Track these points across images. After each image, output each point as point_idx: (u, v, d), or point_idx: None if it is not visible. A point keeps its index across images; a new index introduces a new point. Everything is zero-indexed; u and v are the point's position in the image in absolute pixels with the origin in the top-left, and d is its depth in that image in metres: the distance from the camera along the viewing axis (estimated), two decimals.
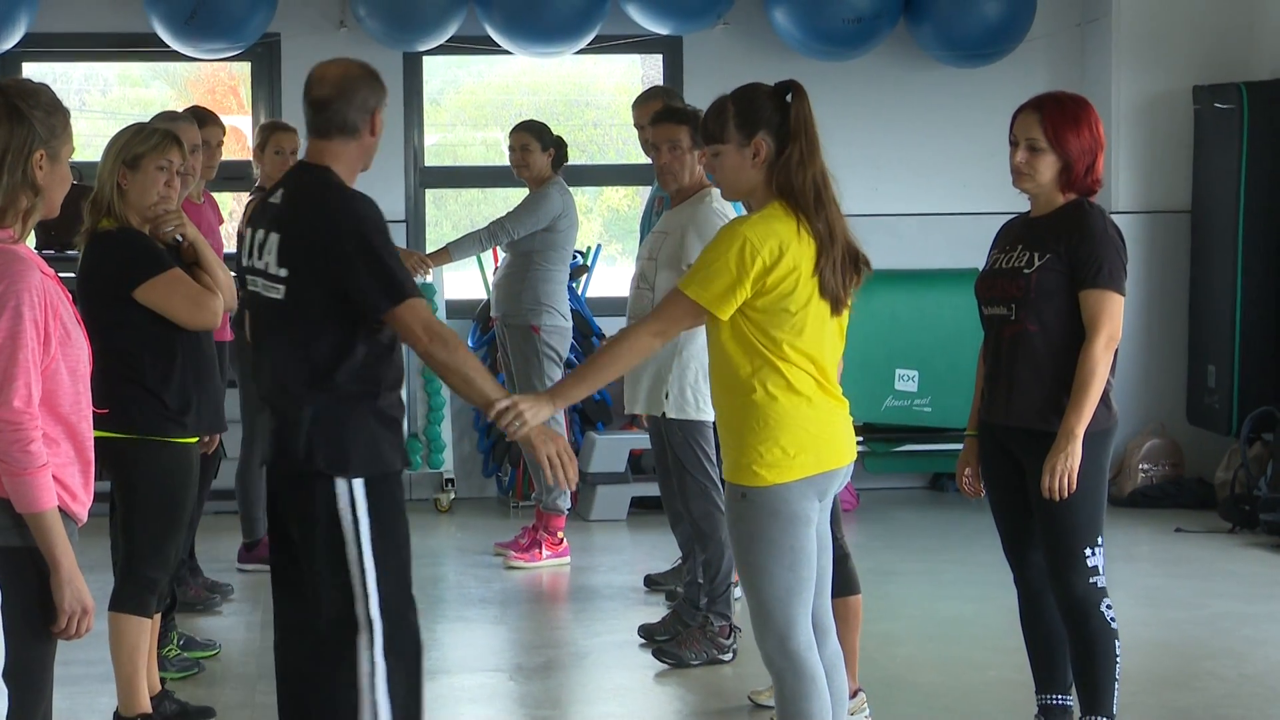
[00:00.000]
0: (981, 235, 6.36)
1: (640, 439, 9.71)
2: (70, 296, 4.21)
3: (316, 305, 4.85)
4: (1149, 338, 10.86)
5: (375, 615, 4.89)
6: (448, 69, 12.13)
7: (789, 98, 4.88)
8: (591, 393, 5.25)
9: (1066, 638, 5.65)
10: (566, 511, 9.28)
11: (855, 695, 6.15)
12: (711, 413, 7.18)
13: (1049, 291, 5.51)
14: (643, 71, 11.67)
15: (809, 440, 4.86)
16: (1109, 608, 5.56)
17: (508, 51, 10.72)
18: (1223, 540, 9.69)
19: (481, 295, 10.68)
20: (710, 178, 7.42)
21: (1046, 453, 5.44)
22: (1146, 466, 10.74)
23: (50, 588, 4.06)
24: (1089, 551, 5.52)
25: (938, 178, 11.21)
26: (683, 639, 7.32)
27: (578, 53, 10.78)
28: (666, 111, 7.53)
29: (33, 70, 10.88)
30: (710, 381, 5.03)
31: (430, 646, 5.81)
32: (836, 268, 4.85)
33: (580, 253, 10.60)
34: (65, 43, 10.83)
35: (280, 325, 4.92)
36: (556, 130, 9.31)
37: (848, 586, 6.08)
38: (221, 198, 9.21)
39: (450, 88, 12.44)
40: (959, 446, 5.99)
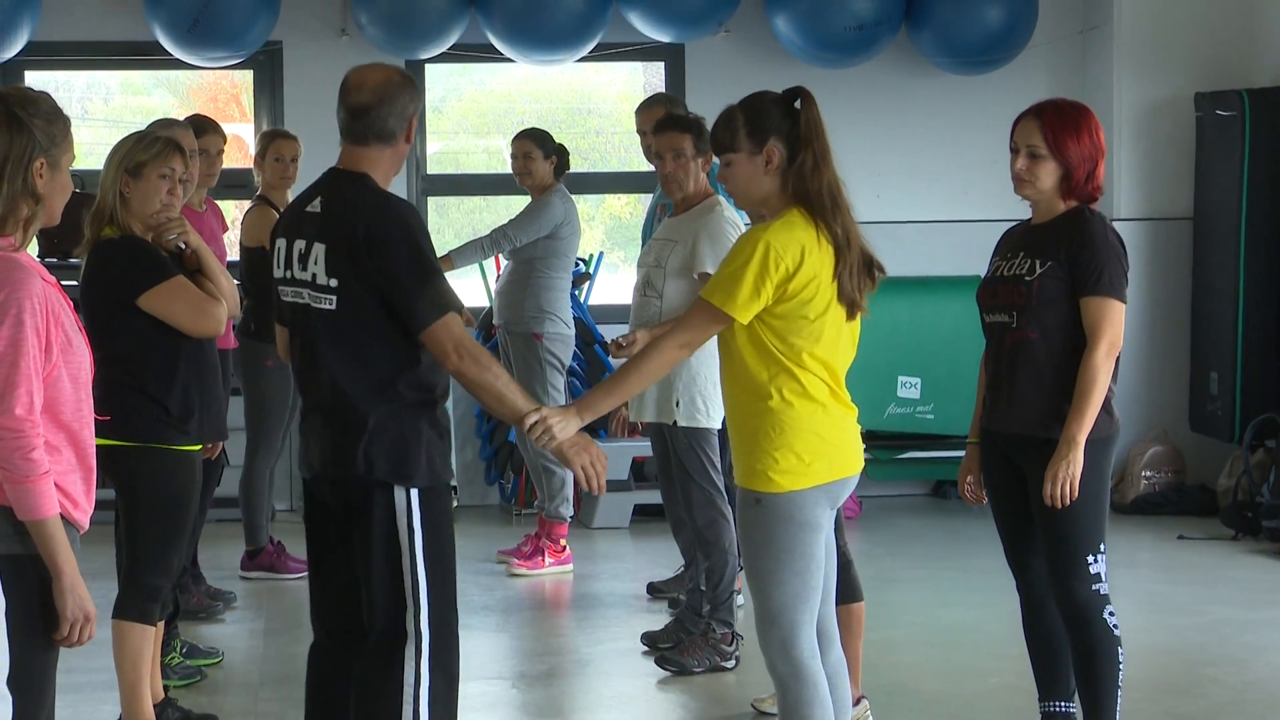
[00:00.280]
0: (983, 242, 6.35)
1: (642, 446, 9.70)
2: (72, 304, 4.21)
3: (370, 314, 4.80)
4: (1151, 344, 10.85)
5: (424, 626, 4.85)
6: (450, 77, 12.14)
7: (798, 104, 4.89)
8: (619, 404, 5.24)
9: (1069, 644, 5.65)
10: (569, 519, 9.27)
11: (858, 703, 6.15)
12: (718, 420, 7.23)
13: (1050, 299, 5.50)
14: (645, 79, 11.67)
15: (824, 447, 4.87)
16: (1111, 614, 5.56)
17: (510, 59, 10.72)
18: (1225, 547, 9.69)
19: (484, 303, 10.68)
20: (722, 190, 7.44)
21: (1048, 460, 5.43)
22: (1149, 473, 10.73)
23: (52, 595, 4.06)
24: (1091, 558, 5.51)
25: (939, 184, 11.21)
26: (685, 646, 7.32)
27: (580, 60, 10.79)
28: (670, 119, 7.53)
29: (35, 78, 10.86)
30: (723, 387, 5.02)
31: None
32: (853, 273, 4.86)
33: (583, 260, 10.60)
34: (67, 51, 10.83)
35: (336, 336, 4.84)
36: (558, 138, 9.31)
37: (850, 593, 6.08)
38: (223, 205, 9.20)
39: (452, 95, 12.45)
40: (961, 454, 5.98)
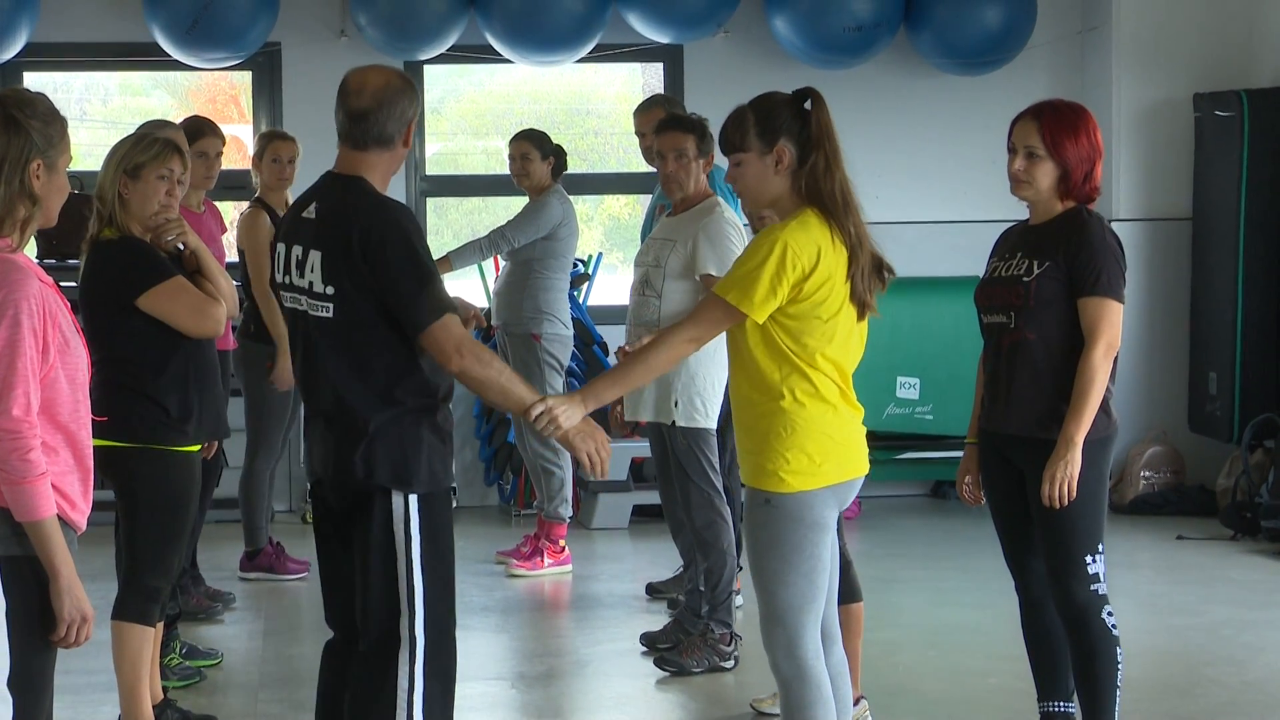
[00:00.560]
0: (982, 243, 6.35)
1: (641, 447, 9.70)
2: (69, 305, 4.21)
3: (368, 321, 4.76)
4: (1150, 345, 10.86)
5: (419, 632, 4.83)
6: (448, 78, 12.14)
7: (808, 105, 4.89)
8: (624, 394, 5.22)
9: (1068, 645, 5.64)
10: (568, 520, 9.28)
11: (858, 703, 6.15)
12: (715, 420, 7.23)
13: (1048, 299, 5.50)
14: (643, 80, 11.67)
15: (834, 448, 4.88)
16: (1110, 615, 5.55)
17: (508, 60, 10.72)
18: (1224, 547, 9.69)
19: (482, 303, 10.68)
20: (726, 192, 7.44)
21: (1046, 460, 5.43)
22: (1148, 474, 10.73)
23: (49, 596, 4.07)
24: (1090, 559, 5.51)
25: (938, 185, 11.21)
26: (684, 647, 7.32)
27: (578, 61, 10.79)
28: (672, 120, 7.53)
29: (34, 80, 10.87)
30: (732, 386, 5.01)
31: None
32: (865, 274, 4.87)
33: (581, 261, 10.60)
34: (66, 52, 10.82)
35: (335, 343, 4.81)
36: (557, 139, 9.31)
37: (850, 594, 6.08)
38: (222, 207, 9.20)
39: (451, 96, 12.45)
40: (960, 454, 5.98)
